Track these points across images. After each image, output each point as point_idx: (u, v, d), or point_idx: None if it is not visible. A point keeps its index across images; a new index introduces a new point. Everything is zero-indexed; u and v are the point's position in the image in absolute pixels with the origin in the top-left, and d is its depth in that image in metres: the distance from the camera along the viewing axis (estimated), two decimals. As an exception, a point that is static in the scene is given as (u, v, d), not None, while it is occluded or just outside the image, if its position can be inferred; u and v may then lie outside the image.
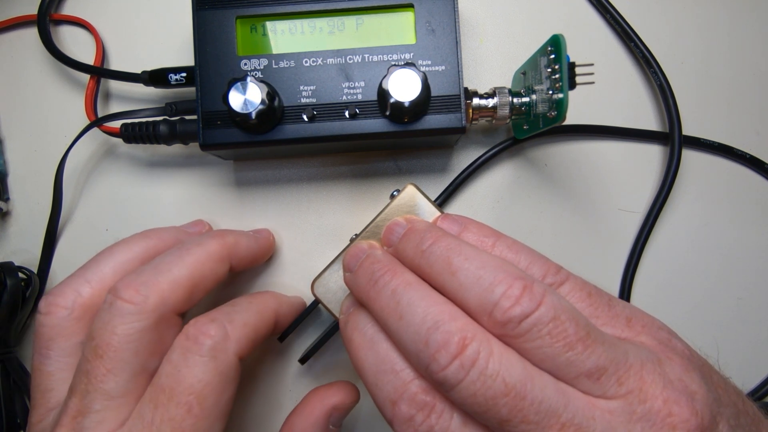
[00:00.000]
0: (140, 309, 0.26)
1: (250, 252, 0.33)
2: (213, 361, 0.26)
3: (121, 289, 0.26)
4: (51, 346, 0.28)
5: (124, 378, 0.25)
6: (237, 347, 0.27)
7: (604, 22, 0.38)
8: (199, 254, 0.29)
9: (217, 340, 0.26)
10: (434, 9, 0.32)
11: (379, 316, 0.23)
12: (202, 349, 0.26)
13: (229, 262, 0.31)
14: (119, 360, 0.25)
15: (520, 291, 0.20)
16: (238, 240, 0.32)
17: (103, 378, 0.25)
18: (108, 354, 0.25)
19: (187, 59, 0.37)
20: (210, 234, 0.31)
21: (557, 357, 0.20)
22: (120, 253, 0.30)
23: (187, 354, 0.26)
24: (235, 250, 0.31)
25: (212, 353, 0.26)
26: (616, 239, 0.37)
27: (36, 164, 0.37)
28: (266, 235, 0.35)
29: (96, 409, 0.25)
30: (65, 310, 0.28)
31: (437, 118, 0.32)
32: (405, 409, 0.21)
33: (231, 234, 0.32)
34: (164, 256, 0.28)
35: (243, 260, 0.32)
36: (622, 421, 0.19)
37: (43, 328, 0.28)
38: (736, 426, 0.21)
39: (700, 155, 0.38)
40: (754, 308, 0.37)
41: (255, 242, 0.33)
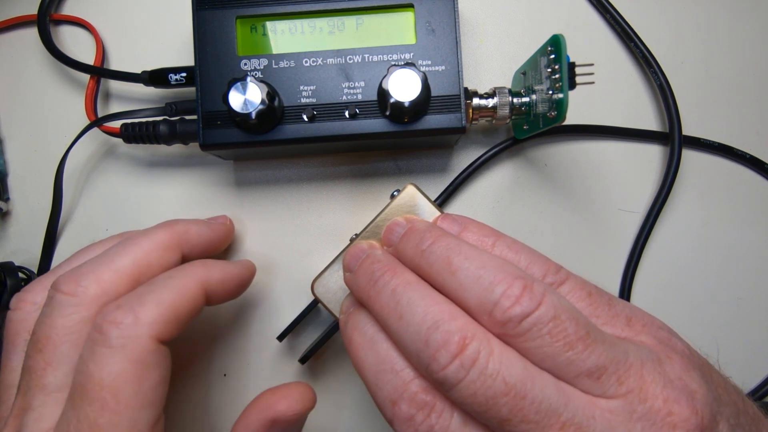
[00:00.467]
0: (79, 300, 0.25)
1: (203, 239, 0.31)
2: (122, 351, 0.24)
3: (61, 282, 0.26)
4: (15, 340, 0.27)
5: (62, 372, 0.25)
6: (151, 330, 0.24)
7: (604, 22, 0.38)
8: (144, 243, 0.28)
9: (123, 327, 0.24)
10: (434, 9, 0.32)
11: (379, 316, 0.23)
12: (109, 339, 0.24)
13: (180, 250, 0.30)
14: (58, 353, 0.25)
15: (520, 290, 0.20)
16: (188, 227, 0.31)
17: (42, 373, 0.25)
18: (47, 348, 0.25)
19: (187, 59, 0.37)
20: (159, 224, 0.30)
21: (557, 356, 0.20)
22: (91, 254, 0.30)
23: (93, 347, 0.24)
24: (186, 237, 0.30)
25: (120, 342, 0.24)
26: (616, 239, 0.37)
27: (36, 164, 0.37)
28: (222, 221, 0.34)
29: (35, 405, 0.24)
30: (32, 305, 0.28)
31: (437, 118, 0.32)
32: (405, 409, 0.21)
33: (180, 222, 0.31)
34: (110, 248, 0.28)
35: (196, 247, 0.31)
36: (622, 421, 0.19)
37: (10, 323, 0.28)
38: (736, 425, 0.21)
39: (700, 155, 0.38)
40: (754, 308, 0.37)
41: (208, 228, 0.32)
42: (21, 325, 0.28)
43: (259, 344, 0.36)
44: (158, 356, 0.25)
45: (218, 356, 0.36)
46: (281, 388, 0.28)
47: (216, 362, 0.36)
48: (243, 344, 0.36)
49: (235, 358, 0.36)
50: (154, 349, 0.25)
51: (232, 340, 0.36)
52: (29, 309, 0.28)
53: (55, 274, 0.29)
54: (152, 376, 0.25)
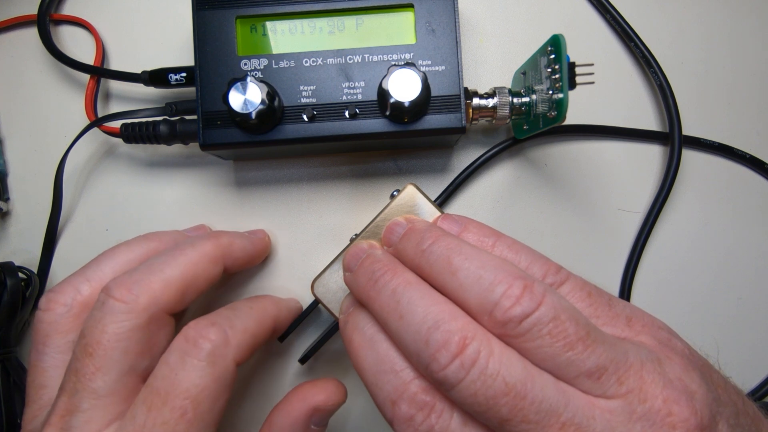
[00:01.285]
0: (131, 308, 0.26)
1: (245, 253, 0.32)
2: (211, 366, 0.25)
3: (113, 288, 0.26)
4: (47, 342, 0.28)
5: (112, 377, 0.25)
6: (236, 353, 0.26)
7: (604, 22, 0.38)
8: (192, 255, 0.29)
9: (216, 345, 0.25)
10: (434, 9, 0.32)
11: (379, 316, 0.23)
12: (201, 353, 0.25)
13: (223, 263, 0.30)
14: (108, 359, 0.25)
15: (521, 291, 0.20)
16: (233, 241, 0.31)
17: (91, 376, 0.25)
18: (97, 352, 0.25)
19: (187, 59, 0.37)
20: (204, 235, 0.31)
21: (557, 356, 0.20)
22: (121, 254, 0.30)
23: (185, 357, 0.25)
24: (230, 251, 0.31)
25: (211, 358, 0.25)
26: (616, 239, 0.37)
27: (36, 164, 0.37)
28: (261, 235, 0.35)
29: (84, 408, 0.25)
30: (64, 307, 0.28)
31: (437, 118, 0.32)
32: (405, 409, 0.21)
33: (225, 235, 0.31)
34: (158, 257, 0.28)
35: (237, 261, 0.32)
36: (622, 421, 0.19)
37: (41, 324, 0.28)
38: (736, 425, 0.21)
39: (700, 155, 0.38)
40: (754, 308, 0.37)
41: (250, 243, 0.33)
42: (52, 327, 0.28)
43: (259, 344, 0.36)
44: (233, 378, 0.27)
45: (218, 356, 0.36)
46: (319, 382, 0.30)
47: (216, 362, 0.36)
48: (243, 344, 0.36)
49: (235, 358, 0.36)
50: (233, 371, 0.26)
51: (232, 340, 0.36)
52: (61, 311, 0.28)
53: (84, 274, 0.29)
54: (225, 396, 0.26)
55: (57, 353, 0.28)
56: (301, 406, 0.29)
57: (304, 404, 0.29)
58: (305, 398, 0.29)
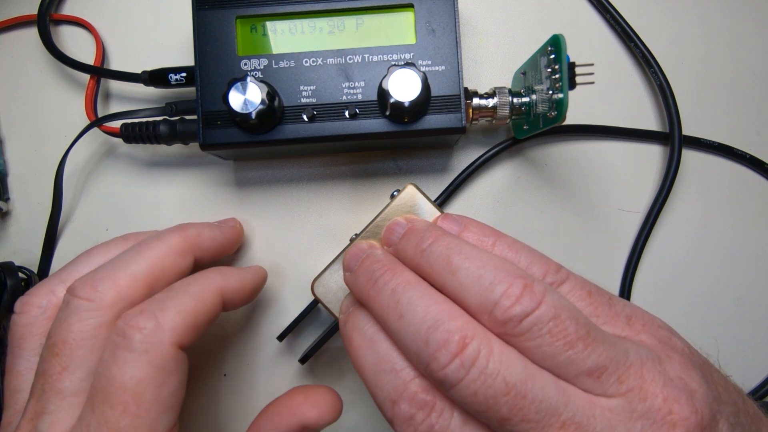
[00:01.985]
0: (96, 305, 0.25)
1: (215, 242, 0.32)
2: (145, 355, 0.24)
3: (78, 287, 0.26)
4: (22, 345, 0.27)
5: (78, 376, 0.25)
6: (172, 336, 0.25)
7: (604, 22, 0.38)
8: (158, 248, 0.28)
9: (146, 333, 0.24)
10: (434, 9, 0.32)
11: (379, 316, 0.23)
12: (131, 343, 0.24)
13: (192, 254, 0.30)
14: (74, 357, 0.25)
15: (521, 290, 0.20)
16: (201, 231, 0.31)
17: (58, 377, 0.25)
18: (63, 352, 0.25)
19: (187, 59, 0.37)
20: (171, 228, 0.30)
21: (558, 356, 0.20)
22: (97, 256, 0.30)
23: (116, 351, 0.24)
24: (198, 241, 0.30)
25: (143, 347, 0.24)
26: (616, 239, 0.37)
27: (36, 164, 0.37)
28: (232, 224, 0.35)
29: (50, 409, 0.24)
30: (38, 309, 0.28)
31: (437, 118, 0.32)
32: (405, 409, 0.21)
33: (193, 226, 0.31)
34: (123, 253, 0.28)
35: (208, 251, 0.31)
36: (622, 420, 0.19)
37: (16, 327, 0.28)
38: (736, 424, 0.21)
39: (700, 155, 0.38)
40: (754, 308, 0.37)
41: (219, 232, 0.32)
42: (26, 330, 0.28)
43: (259, 344, 0.36)
44: (177, 362, 0.25)
45: (218, 356, 0.36)
46: (313, 395, 0.29)
47: (216, 362, 0.36)
48: (243, 344, 0.36)
49: (235, 358, 0.36)
50: (174, 354, 0.25)
51: (232, 340, 0.36)
52: (35, 313, 0.28)
53: (59, 277, 0.29)
54: (172, 382, 0.25)
55: (32, 356, 0.27)
56: (290, 420, 0.28)
57: (294, 419, 0.28)
58: (296, 412, 0.29)
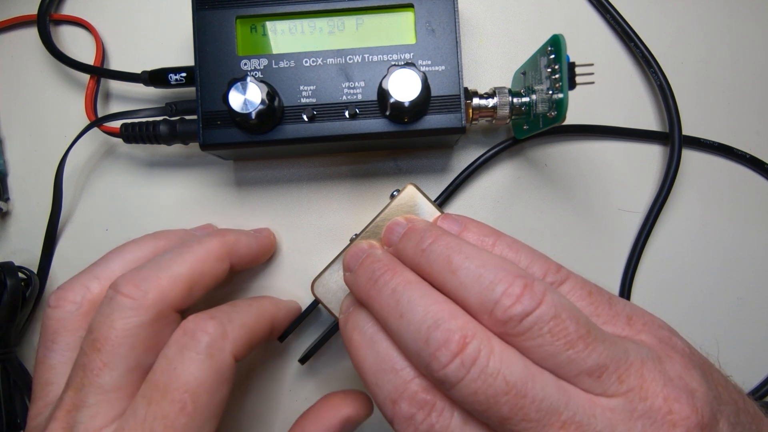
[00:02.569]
0: (139, 304, 0.26)
1: (251, 251, 0.33)
2: (209, 359, 0.25)
3: (122, 284, 0.26)
4: (56, 339, 0.28)
5: (119, 372, 0.25)
6: (234, 347, 0.27)
7: (604, 22, 0.38)
8: (199, 252, 0.29)
9: (214, 338, 0.26)
10: (434, 9, 0.32)
11: (379, 315, 0.23)
12: (199, 345, 0.25)
13: (229, 260, 0.31)
14: (116, 354, 0.25)
15: (521, 289, 0.20)
16: (239, 239, 0.32)
17: (99, 372, 0.25)
18: (105, 348, 0.25)
19: (187, 59, 0.37)
20: (211, 233, 0.31)
21: (558, 355, 0.20)
22: (129, 252, 0.30)
23: (183, 350, 0.25)
24: (236, 248, 0.31)
25: (209, 351, 0.25)
26: (616, 239, 0.37)
27: (36, 164, 0.37)
28: (267, 234, 0.35)
29: (90, 403, 0.25)
30: (73, 305, 0.28)
31: (437, 118, 0.32)
32: (405, 408, 0.21)
33: (232, 233, 0.32)
34: (165, 254, 0.29)
35: (243, 259, 0.32)
36: (622, 419, 0.19)
37: (50, 321, 0.28)
38: (736, 424, 0.21)
39: (700, 155, 0.38)
40: (754, 308, 0.37)
41: (255, 241, 0.33)
42: (61, 324, 0.28)
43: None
44: (232, 372, 0.27)
45: (218, 356, 0.36)
46: (350, 394, 0.30)
47: (216, 362, 0.36)
48: (243, 344, 0.36)
49: (235, 358, 0.36)
50: (231, 364, 0.27)
51: (232, 340, 0.36)
52: (70, 309, 0.28)
53: (92, 272, 0.29)
54: (224, 390, 0.26)
55: (65, 350, 0.28)
56: (333, 415, 0.29)
57: (337, 414, 0.29)
58: (338, 409, 0.30)
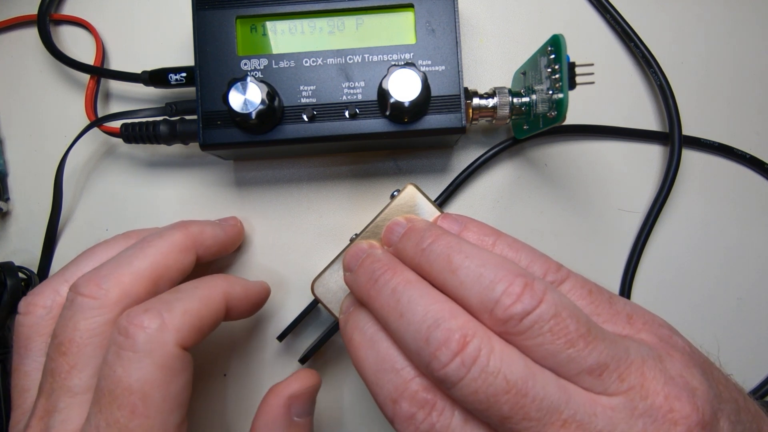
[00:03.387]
0: (101, 303, 0.25)
1: (217, 241, 0.32)
2: (149, 356, 0.24)
3: (82, 285, 0.26)
4: (29, 345, 0.27)
5: (87, 374, 0.25)
6: (177, 336, 0.25)
7: (604, 22, 0.38)
8: (160, 245, 0.28)
9: (151, 332, 0.24)
10: (434, 9, 0.32)
11: (380, 315, 0.23)
12: (136, 344, 0.24)
13: (195, 251, 0.30)
14: (82, 355, 0.25)
15: (521, 288, 0.20)
16: (203, 229, 0.31)
17: (66, 375, 0.25)
18: (71, 350, 0.25)
19: (187, 59, 0.37)
20: (173, 225, 0.31)
21: (558, 354, 0.20)
22: (99, 254, 0.30)
23: (120, 351, 0.24)
24: (200, 239, 0.30)
25: (147, 347, 0.24)
26: (616, 239, 0.37)
27: (36, 164, 0.37)
28: (233, 222, 0.35)
29: (60, 407, 0.25)
30: (43, 309, 0.28)
31: (437, 118, 0.32)
32: (406, 408, 0.21)
33: (195, 224, 0.31)
34: (126, 250, 0.28)
35: (210, 249, 0.31)
36: (623, 417, 0.19)
37: (21, 327, 0.28)
38: (737, 422, 0.21)
39: (700, 155, 0.38)
40: (754, 308, 0.37)
41: (221, 230, 0.33)
42: (32, 330, 0.28)
43: (259, 344, 0.36)
44: (183, 362, 0.25)
45: (218, 356, 0.36)
46: (289, 376, 0.30)
47: (216, 362, 0.36)
48: (243, 344, 0.36)
49: (235, 358, 0.36)
50: (179, 355, 0.25)
51: (232, 341, 0.36)
52: (40, 313, 0.28)
53: (63, 276, 0.29)
54: (178, 381, 0.25)
55: (39, 356, 0.27)
56: (276, 400, 0.29)
57: (279, 398, 0.29)
58: (278, 392, 0.29)
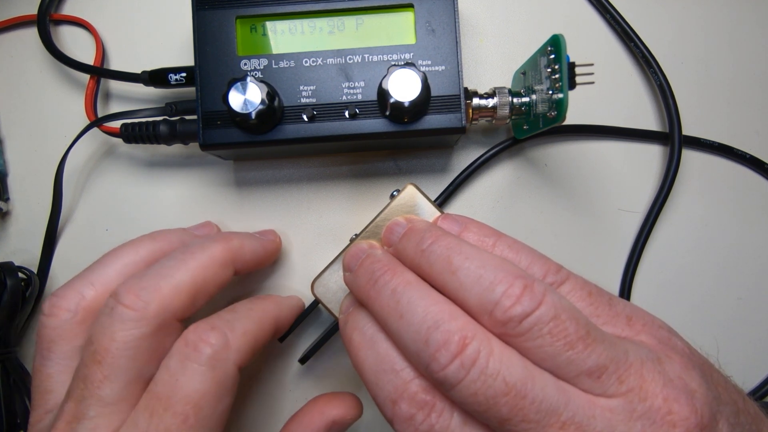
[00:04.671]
0: (141, 315, 0.25)
1: (256, 256, 0.32)
2: (211, 371, 0.25)
3: (123, 294, 0.26)
4: (52, 348, 0.27)
5: (119, 385, 0.25)
6: (237, 357, 0.26)
7: (604, 22, 0.38)
8: (202, 259, 0.28)
9: (217, 349, 0.25)
10: (434, 9, 0.32)
11: (379, 316, 0.23)
12: (201, 357, 0.25)
13: (234, 266, 0.30)
14: (116, 366, 0.25)
15: (521, 290, 0.20)
16: (243, 243, 0.31)
17: (99, 384, 0.25)
18: (106, 360, 0.25)
19: (187, 59, 0.36)
20: (214, 237, 0.30)
21: (558, 356, 0.20)
22: (126, 256, 0.29)
23: (185, 362, 0.25)
24: (240, 254, 0.30)
25: (211, 362, 0.25)
26: (616, 239, 0.37)
27: (36, 164, 0.37)
28: (272, 237, 0.35)
29: (91, 415, 0.24)
30: (68, 313, 0.27)
31: (437, 118, 0.32)
32: (405, 408, 0.21)
33: (236, 237, 0.31)
34: (167, 260, 0.28)
35: (248, 264, 0.31)
36: (622, 419, 0.19)
37: (45, 329, 0.27)
38: (736, 424, 0.21)
39: (700, 155, 0.38)
40: (754, 308, 0.37)
41: (260, 245, 0.32)
42: (56, 333, 0.27)
43: (259, 344, 0.36)
44: (235, 382, 0.26)
45: (218, 356, 0.36)
46: (337, 396, 0.31)
47: (216, 362, 0.36)
48: (243, 344, 0.36)
49: (235, 358, 0.36)
50: (234, 374, 0.26)
51: (232, 340, 0.36)
52: (65, 317, 0.27)
53: (87, 278, 0.28)
54: (227, 400, 0.26)
55: (62, 359, 0.27)
56: (319, 418, 0.30)
57: (323, 417, 0.30)
58: (324, 411, 0.30)
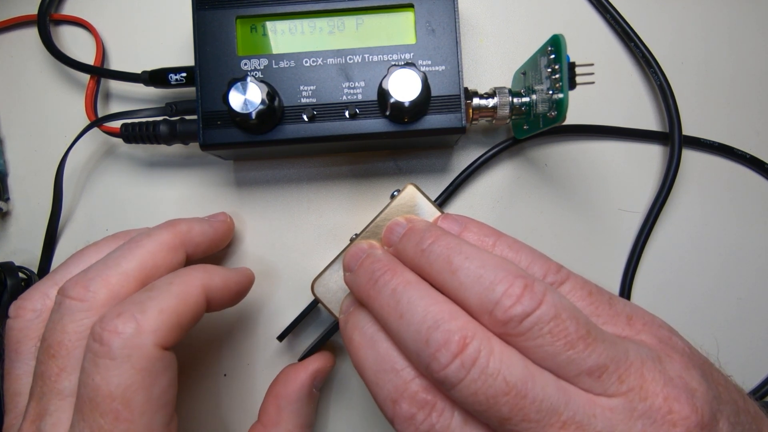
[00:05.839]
0: (89, 305, 0.25)
1: (206, 237, 0.32)
2: (127, 361, 0.23)
3: (69, 288, 0.26)
4: (19, 349, 0.27)
5: (76, 376, 0.25)
6: (155, 338, 0.24)
7: (604, 22, 0.38)
8: (148, 245, 0.28)
9: (126, 337, 0.23)
10: (434, 9, 0.32)
11: (379, 315, 0.23)
12: (112, 350, 0.23)
13: (184, 249, 0.30)
14: (71, 358, 0.25)
15: (521, 290, 0.20)
16: (191, 227, 0.31)
17: (56, 378, 0.25)
18: (60, 353, 0.25)
19: (187, 59, 0.37)
20: (161, 224, 0.30)
21: (558, 355, 0.20)
22: (89, 256, 0.30)
23: (96, 359, 0.23)
24: (189, 237, 0.30)
25: (124, 352, 0.23)
26: (616, 239, 0.37)
27: (36, 164, 0.37)
28: (222, 218, 0.34)
29: (51, 410, 0.24)
30: (33, 313, 0.28)
31: (437, 118, 0.32)
32: (406, 408, 0.21)
33: (182, 221, 0.31)
34: (114, 251, 0.28)
35: (199, 246, 0.31)
36: (622, 419, 0.19)
37: (11, 331, 0.28)
38: (736, 423, 0.21)
39: (700, 155, 0.38)
40: (754, 308, 0.37)
41: (210, 227, 0.32)
42: (22, 333, 0.27)
43: (259, 344, 0.36)
44: (164, 362, 0.25)
45: (218, 356, 0.36)
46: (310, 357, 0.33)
47: (216, 362, 0.36)
48: (243, 344, 0.36)
49: (235, 358, 0.36)
50: (159, 356, 0.24)
51: (232, 341, 0.36)
52: (30, 317, 0.28)
53: (52, 279, 0.29)
54: (161, 382, 0.25)
55: (29, 359, 0.27)
56: (304, 373, 0.32)
57: (307, 371, 0.32)
58: (306, 367, 0.32)
